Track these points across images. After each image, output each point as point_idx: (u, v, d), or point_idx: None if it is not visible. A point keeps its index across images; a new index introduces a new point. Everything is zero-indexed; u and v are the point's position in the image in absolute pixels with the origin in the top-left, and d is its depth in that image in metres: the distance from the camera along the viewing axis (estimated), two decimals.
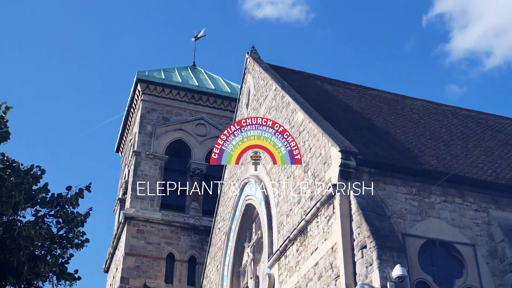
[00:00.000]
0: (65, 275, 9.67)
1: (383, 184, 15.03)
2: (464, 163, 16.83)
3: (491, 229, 15.26)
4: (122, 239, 29.20)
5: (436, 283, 13.93)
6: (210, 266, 26.09)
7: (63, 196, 9.78)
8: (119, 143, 38.34)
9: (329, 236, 14.69)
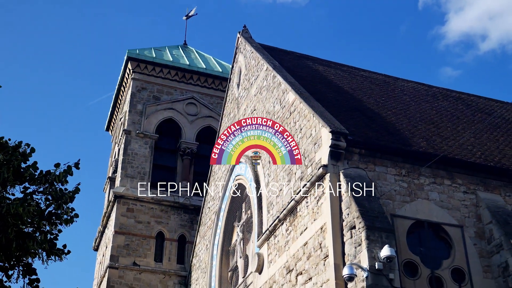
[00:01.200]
0: (54, 251, 9.66)
1: (373, 165, 15.08)
2: (454, 145, 16.90)
3: (479, 211, 15.36)
4: (112, 217, 29.21)
5: (424, 263, 14.04)
6: (200, 245, 26.18)
7: (52, 173, 9.73)
8: (109, 122, 38.20)
9: (318, 216, 14.75)
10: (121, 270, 27.13)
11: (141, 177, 29.83)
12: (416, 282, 13.64)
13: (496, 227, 14.73)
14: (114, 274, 27.02)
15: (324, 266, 14.02)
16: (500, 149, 18.01)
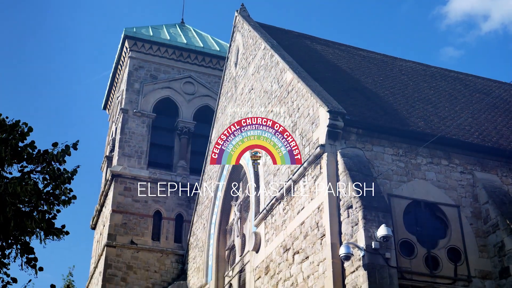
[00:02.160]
0: (52, 230, 9.67)
1: (370, 145, 15.09)
2: (451, 125, 16.90)
3: (475, 191, 15.41)
4: (109, 196, 29.26)
5: (420, 243, 14.11)
6: (197, 224, 26.27)
7: (50, 153, 9.70)
8: (106, 100, 38.10)
9: (315, 196, 14.78)
10: (118, 249, 27.24)
11: (139, 156, 29.84)
12: (412, 261, 13.73)
13: (492, 207, 14.79)
14: (111, 253, 27.14)
15: (321, 245, 14.08)
16: (497, 129, 18.02)
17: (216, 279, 22.21)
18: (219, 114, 25.69)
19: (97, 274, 29.07)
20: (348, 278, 12.91)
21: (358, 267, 12.51)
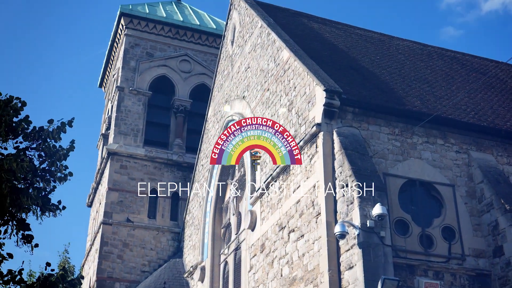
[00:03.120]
0: (49, 206, 9.66)
1: (366, 124, 15.09)
2: (447, 104, 16.90)
3: (471, 170, 15.47)
4: (106, 174, 29.28)
5: (415, 221, 14.19)
6: (193, 202, 26.34)
7: (45, 130, 9.67)
8: (102, 78, 37.97)
9: (311, 174, 14.81)
10: (114, 226, 27.34)
11: (135, 134, 29.82)
12: (407, 240, 13.81)
13: (487, 187, 14.86)
14: (107, 230, 27.24)
15: (316, 224, 14.14)
16: (493, 109, 18.04)
17: (212, 257, 22.33)
18: (216, 92, 25.64)
19: (93, 251, 29.20)
20: (343, 256, 12.99)
21: (353, 246, 12.58)
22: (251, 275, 17.62)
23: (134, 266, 26.89)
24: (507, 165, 16.03)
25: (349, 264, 12.62)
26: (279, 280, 15.58)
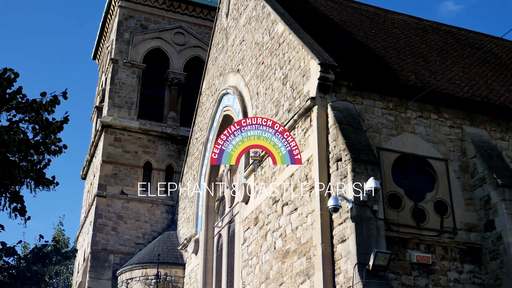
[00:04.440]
0: (43, 180, 9.66)
1: (360, 98, 15.09)
2: (442, 79, 16.89)
3: (464, 145, 15.52)
4: (100, 147, 29.27)
5: (408, 196, 14.27)
6: (187, 175, 26.39)
7: (38, 102, 9.61)
8: (96, 50, 37.73)
9: (305, 148, 14.84)
10: (109, 199, 27.42)
11: (129, 106, 29.75)
12: (399, 214, 13.91)
13: (480, 161, 14.93)
14: (102, 203, 27.32)
15: (309, 197, 14.21)
16: (488, 84, 18.04)
17: (206, 230, 22.45)
18: (210, 65, 25.53)
19: (87, 223, 29.31)
20: (336, 230, 13.09)
21: (346, 219, 12.67)
22: (245, 248, 17.75)
23: (129, 238, 27.04)
24: (500, 140, 16.09)
25: (342, 237, 12.72)
26: (273, 252, 15.71)
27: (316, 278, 13.15)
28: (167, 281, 24.10)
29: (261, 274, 16.26)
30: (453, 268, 13.86)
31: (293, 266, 14.44)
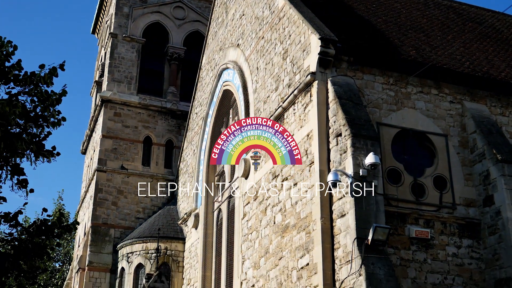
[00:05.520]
0: (43, 152, 9.66)
1: (361, 73, 15.04)
2: (443, 54, 16.81)
3: (464, 120, 15.52)
4: (99, 121, 29.26)
5: (407, 171, 14.30)
6: (187, 150, 26.42)
7: (37, 74, 9.57)
8: (95, 24, 37.50)
9: (305, 123, 14.84)
10: (109, 173, 27.50)
11: (128, 81, 29.68)
12: (399, 189, 13.95)
13: (479, 137, 14.94)
14: (102, 177, 27.40)
15: (309, 172, 14.24)
16: (488, 59, 17.97)
17: (206, 205, 22.55)
18: (210, 40, 25.40)
19: (88, 198, 29.42)
20: (335, 205, 13.14)
21: (345, 194, 12.72)
22: (245, 223, 17.84)
23: (129, 212, 27.17)
24: (500, 115, 16.08)
25: (341, 212, 12.77)
26: (272, 227, 15.79)
27: (315, 252, 13.23)
28: (167, 255, 24.27)
29: (260, 248, 16.36)
30: (451, 243, 13.95)
31: (292, 241, 14.53)
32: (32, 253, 9.61)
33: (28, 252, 9.57)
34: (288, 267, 14.54)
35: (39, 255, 9.66)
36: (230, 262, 19.66)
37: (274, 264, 15.34)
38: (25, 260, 9.56)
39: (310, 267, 13.44)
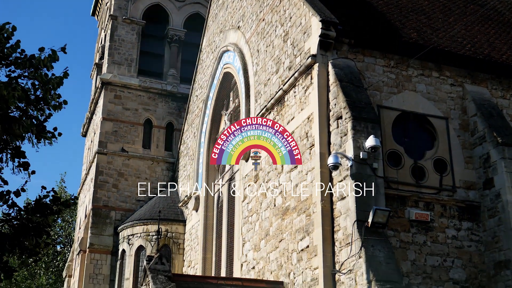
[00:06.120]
0: (44, 134, 9.62)
1: (362, 56, 14.99)
2: (444, 37, 16.75)
3: (465, 103, 15.50)
4: (100, 104, 29.23)
5: (408, 154, 14.31)
6: (188, 132, 26.43)
7: (37, 57, 9.52)
8: (95, 6, 37.30)
9: (305, 106, 14.82)
10: (109, 156, 27.53)
11: (128, 64, 29.60)
12: (399, 172, 13.97)
13: (480, 120, 14.93)
14: (102, 160, 27.43)
15: (309, 155, 14.26)
16: (490, 42, 17.90)
17: (206, 187, 22.58)
18: (210, 22, 25.30)
19: (88, 180, 29.47)
20: (335, 187, 13.17)
21: (345, 177, 12.74)
22: (245, 205, 17.89)
23: (129, 195, 27.23)
24: (501, 98, 16.06)
25: (342, 195, 12.80)
26: (272, 209, 15.83)
27: (316, 235, 13.29)
28: (168, 237, 24.38)
29: (261, 230, 16.42)
30: (451, 226, 14.00)
31: (292, 223, 14.58)
32: (32, 232, 9.61)
33: (27, 231, 9.57)
34: (288, 249, 14.60)
35: (38, 234, 9.66)
36: (230, 244, 19.74)
37: (274, 246, 15.40)
38: (25, 239, 9.56)
39: (310, 249, 13.50)
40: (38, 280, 39.07)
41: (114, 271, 25.70)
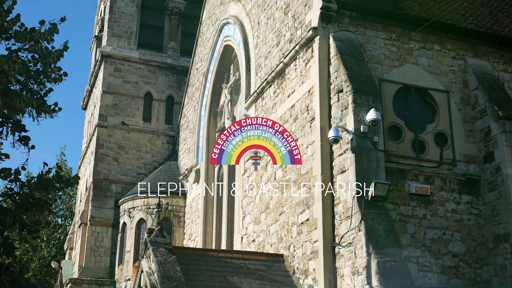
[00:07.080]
0: (44, 108, 9.62)
1: (363, 29, 14.88)
2: (446, 9, 16.60)
3: (466, 77, 15.42)
4: (100, 77, 29.14)
5: (408, 127, 14.28)
6: (188, 106, 26.38)
7: (37, 30, 9.46)
8: None
9: (306, 79, 14.76)
10: (110, 129, 27.53)
11: (128, 36, 29.43)
12: (399, 145, 13.96)
13: (481, 93, 14.87)
14: (103, 133, 27.44)
15: (310, 128, 14.24)
16: (492, 14, 17.75)
17: (207, 160, 22.62)
18: None
19: (89, 153, 29.51)
20: (336, 161, 13.18)
21: (346, 150, 12.74)
22: (245, 178, 17.93)
23: (130, 168, 27.29)
24: (503, 71, 15.98)
25: (342, 168, 12.82)
26: (273, 183, 15.87)
27: (316, 208, 13.33)
28: (168, 210, 24.50)
29: (261, 203, 16.47)
30: (451, 199, 14.03)
31: (292, 196, 14.62)
32: (34, 208, 9.66)
33: (29, 206, 9.62)
34: (289, 222, 14.67)
35: (40, 210, 9.71)
36: (230, 217, 19.83)
37: (275, 219, 15.47)
38: (26, 214, 9.62)
39: (310, 222, 13.56)
40: (39, 252, 39.33)
41: (115, 243, 25.88)
